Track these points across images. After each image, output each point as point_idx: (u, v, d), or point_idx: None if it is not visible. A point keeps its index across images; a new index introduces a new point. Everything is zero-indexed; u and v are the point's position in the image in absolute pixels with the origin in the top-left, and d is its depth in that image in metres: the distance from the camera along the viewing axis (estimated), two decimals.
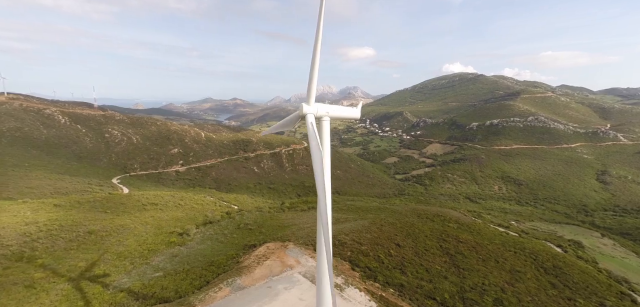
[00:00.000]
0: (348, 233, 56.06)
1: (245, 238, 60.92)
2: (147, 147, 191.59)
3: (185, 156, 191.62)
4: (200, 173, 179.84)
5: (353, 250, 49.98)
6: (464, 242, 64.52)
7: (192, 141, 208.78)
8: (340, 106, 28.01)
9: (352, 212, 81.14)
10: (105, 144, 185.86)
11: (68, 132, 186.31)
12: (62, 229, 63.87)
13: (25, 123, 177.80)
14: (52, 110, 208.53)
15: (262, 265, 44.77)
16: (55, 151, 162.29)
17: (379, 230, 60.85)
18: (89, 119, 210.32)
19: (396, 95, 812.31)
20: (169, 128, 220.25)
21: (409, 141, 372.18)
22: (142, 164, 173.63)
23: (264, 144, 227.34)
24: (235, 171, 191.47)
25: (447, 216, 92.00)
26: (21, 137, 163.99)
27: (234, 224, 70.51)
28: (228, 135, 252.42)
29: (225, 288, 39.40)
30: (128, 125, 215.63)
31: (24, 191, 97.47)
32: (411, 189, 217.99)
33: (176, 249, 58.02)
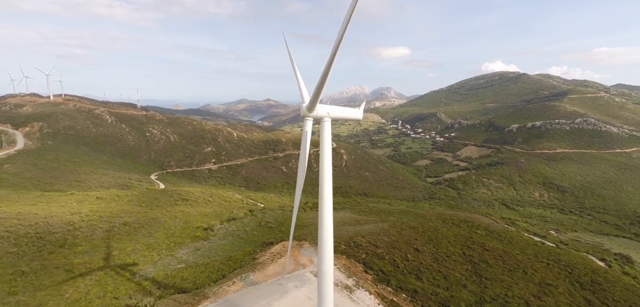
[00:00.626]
0: (365, 235, 55.52)
1: (264, 235, 62.44)
2: (183, 146, 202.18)
3: (217, 154, 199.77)
4: (231, 171, 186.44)
5: (368, 252, 49.45)
6: (491, 250, 61.41)
7: (224, 140, 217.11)
8: (341, 107, 28.03)
9: (374, 215, 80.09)
10: (146, 142, 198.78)
11: (114, 130, 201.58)
12: (101, 220, 69.34)
13: (78, 122, 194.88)
14: (101, 110, 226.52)
15: (276, 262, 45.72)
16: (102, 148, 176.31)
17: (398, 233, 59.61)
18: (132, 119, 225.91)
19: (430, 96, 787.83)
20: (204, 128, 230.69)
21: (442, 143, 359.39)
22: (178, 161, 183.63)
23: (293, 144, 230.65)
24: (265, 170, 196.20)
25: (475, 222, 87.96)
26: (74, 135, 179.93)
27: (256, 221, 72.48)
28: (259, 135, 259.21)
29: (239, 282, 40.75)
30: (167, 125, 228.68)
31: (72, 183, 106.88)
32: (442, 193, 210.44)
33: (200, 243, 60.82)
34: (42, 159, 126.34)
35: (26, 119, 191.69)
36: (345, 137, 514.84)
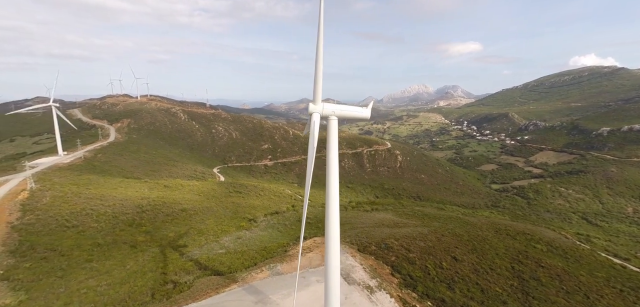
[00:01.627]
0: (399, 238, 54.02)
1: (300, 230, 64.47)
2: (243, 142, 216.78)
3: (273, 151, 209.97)
4: (285, 168, 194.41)
5: (399, 256, 48.14)
6: (547, 267, 55.04)
7: (280, 138, 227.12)
8: (348, 106, 28.21)
9: (417, 218, 76.97)
10: (212, 138, 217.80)
11: (186, 127, 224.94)
12: (164, 205, 78.65)
13: (157, 119, 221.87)
14: (176, 109, 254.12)
15: (303, 256, 47.23)
16: (175, 142, 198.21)
17: (437, 240, 56.67)
18: (201, 117, 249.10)
19: (502, 95, 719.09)
20: (263, 125, 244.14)
21: (513, 147, 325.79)
22: (238, 156, 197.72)
23: (346, 144, 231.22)
24: (317, 168, 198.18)
25: (536, 235, 78.96)
26: (153, 130, 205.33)
27: (296, 216, 75.12)
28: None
29: (266, 271, 43.19)
30: (230, 123, 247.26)
31: (148, 172, 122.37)
32: (508, 202, 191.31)
33: (242, 233, 65.37)
34: (126, 150, 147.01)
35: (118, 116, 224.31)
36: (404, 137, 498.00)
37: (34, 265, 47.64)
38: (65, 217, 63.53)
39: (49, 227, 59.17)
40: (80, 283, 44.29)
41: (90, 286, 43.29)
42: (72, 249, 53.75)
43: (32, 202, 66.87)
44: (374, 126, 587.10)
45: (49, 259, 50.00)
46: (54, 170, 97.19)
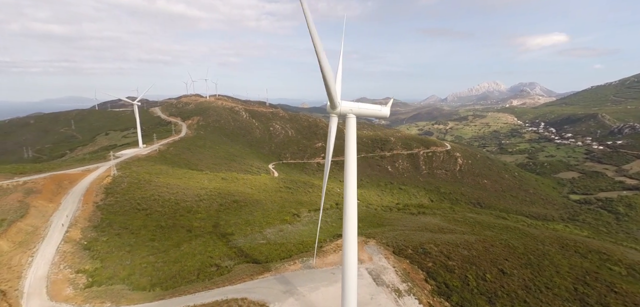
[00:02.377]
0: (440, 244, 51.37)
1: (340, 228, 64.96)
2: (298, 140, 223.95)
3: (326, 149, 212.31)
4: (337, 166, 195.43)
5: (436, 262, 45.90)
6: (621, 293, 47.68)
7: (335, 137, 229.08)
8: (366, 104, 28.10)
9: (467, 225, 71.90)
10: (269, 135, 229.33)
11: (246, 124, 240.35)
12: (219, 196, 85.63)
13: (222, 116, 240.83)
14: (239, 107, 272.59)
15: (337, 253, 47.80)
16: (236, 138, 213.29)
17: (484, 249, 52.53)
18: (261, 115, 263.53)
19: (591, 92, 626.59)
20: (317, 124, 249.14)
21: (602, 153, 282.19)
22: (292, 153, 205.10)
23: (402, 144, 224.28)
24: (369, 167, 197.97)
25: (615, 255, 68.16)
26: (218, 127, 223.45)
27: (338, 214, 75.74)
28: (368, 132, 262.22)
29: (298, 264, 44.79)
30: (287, 121, 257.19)
31: (210, 165, 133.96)
32: (591, 216, 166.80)
33: (285, 226, 68.27)
34: (194, 145, 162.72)
35: (190, 114, 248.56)
36: (469, 139, 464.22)
37: (109, 239, 56.03)
38: (137, 200, 73.16)
39: (124, 209, 68.81)
40: (143, 258, 50.89)
41: (150, 262, 49.51)
42: (139, 228, 61.85)
43: (113, 186, 78.29)
44: (435, 126, 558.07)
45: (121, 235, 58.30)
46: (133, 160, 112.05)
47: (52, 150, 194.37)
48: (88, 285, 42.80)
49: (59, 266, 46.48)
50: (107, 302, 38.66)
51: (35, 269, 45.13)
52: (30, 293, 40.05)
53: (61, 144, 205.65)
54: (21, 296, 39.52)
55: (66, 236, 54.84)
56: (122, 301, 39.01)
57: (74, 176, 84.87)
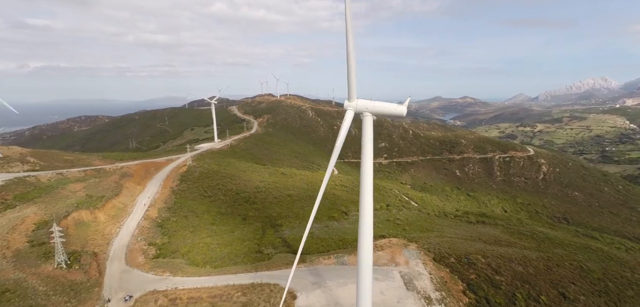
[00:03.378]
0: (489, 256, 47.13)
1: (385, 230, 63.97)
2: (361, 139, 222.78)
3: (389, 150, 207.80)
4: (400, 168, 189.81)
5: (481, 274, 42.40)
6: None
7: (399, 137, 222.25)
8: (381, 102, 27.80)
9: (533, 240, 63.76)
10: (333, 134, 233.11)
11: (311, 123, 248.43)
12: (275, 189, 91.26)
13: (289, 115, 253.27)
14: (306, 106, 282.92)
15: (373, 253, 47.44)
16: (301, 136, 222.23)
17: (545, 269, 46.51)
18: (326, 114, 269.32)
19: None
20: (382, 124, 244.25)
21: None
22: (354, 153, 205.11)
23: (474, 147, 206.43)
24: (435, 170, 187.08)
25: None
26: (285, 125, 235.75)
27: (386, 216, 74.37)
28: (437, 134, 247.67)
29: (333, 259, 45.91)
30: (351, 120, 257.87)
31: (273, 161, 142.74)
32: None
33: (331, 223, 69.86)
34: (261, 141, 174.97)
35: (261, 112, 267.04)
36: (561, 144, 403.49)
37: (178, 220, 64.70)
38: (204, 188, 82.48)
39: (193, 195, 78.33)
40: (202, 239, 57.68)
41: (206, 242, 55.93)
42: (203, 213, 69.90)
43: (187, 175, 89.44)
44: (520, 129, 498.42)
45: (188, 217, 66.76)
46: (208, 153, 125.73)
47: (149, 142, 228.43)
48: (155, 256, 50.47)
49: (137, 238, 55.63)
50: (167, 272, 45.21)
51: (120, 239, 54.82)
52: (113, 257, 49.00)
53: (157, 137, 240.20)
54: (107, 259, 48.62)
55: (146, 213, 65.05)
56: (178, 272, 45.17)
57: (159, 164, 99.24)
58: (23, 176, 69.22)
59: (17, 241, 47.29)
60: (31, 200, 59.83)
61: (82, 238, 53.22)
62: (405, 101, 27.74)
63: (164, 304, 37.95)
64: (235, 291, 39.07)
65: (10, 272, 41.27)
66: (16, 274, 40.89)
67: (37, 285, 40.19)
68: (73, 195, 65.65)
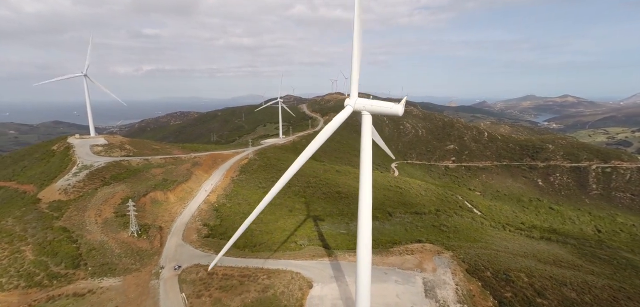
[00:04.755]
0: (534, 275, 41.96)
1: (426, 235, 61.28)
2: (428, 141, 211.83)
3: (459, 153, 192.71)
4: (469, 173, 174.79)
5: (518, 294, 38.31)
6: None
7: (470, 140, 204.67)
8: (379, 101, 27.88)
9: (609, 266, 53.74)
10: (398, 134, 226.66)
11: (377, 121, 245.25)
12: (325, 185, 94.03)
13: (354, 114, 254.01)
14: None
15: (401, 256, 46.60)
16: None
17: (609, 300, 39.62)
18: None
19: None
20: (453, 125, 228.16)
21: None
22: (419, 154, 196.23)
23: (564, 154, 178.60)
24: (511, 178, 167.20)
25: None
26: (350, 123, 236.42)
27: (431, 221, 70.86)
28: (518, 136, 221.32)
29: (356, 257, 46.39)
30: (420, 120, 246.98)
31: (332, 158, 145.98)
32: None
33: (373, 222, 69.38)
34: None
35: (328, 110, 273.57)
36: None
37: (232, 206, 71.97)
38: (260, 180, 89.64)
39: (249, 185, 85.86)
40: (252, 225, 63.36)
41: (252, 229, 61.30)
42: (255, 202, 76.17)
43: (247, 166, 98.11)
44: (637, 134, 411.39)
45: (240, 205, 73.78)
46: (270, 147, 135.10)
47: (227, 136, 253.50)
48: (206, 235, 57.59)
49: (195, 218, 64.03)
50: (212, 250, 51.48)
51: (182, 217, 63.81)
52: (174, 232, 57.55)
53: (234, 132, 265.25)
54: (169, 233, 57.35)
55: (206, 198, 74.00)
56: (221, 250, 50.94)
57: (226, 155, 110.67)
58: (119, 159, 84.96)
59: (107, 211, 59.00)
60: (122, 180, 73.37)
61: (154, 214, 63.58)
62: (402, 100, 27.31)
63: (203, 276, 43.61)
64: (262, 274, 42.75)
65: (98, 235, 52.02)
66: (101, 237, 51.38)
67: (114, 247, 49.93)
68: (153, 178, 78.23)
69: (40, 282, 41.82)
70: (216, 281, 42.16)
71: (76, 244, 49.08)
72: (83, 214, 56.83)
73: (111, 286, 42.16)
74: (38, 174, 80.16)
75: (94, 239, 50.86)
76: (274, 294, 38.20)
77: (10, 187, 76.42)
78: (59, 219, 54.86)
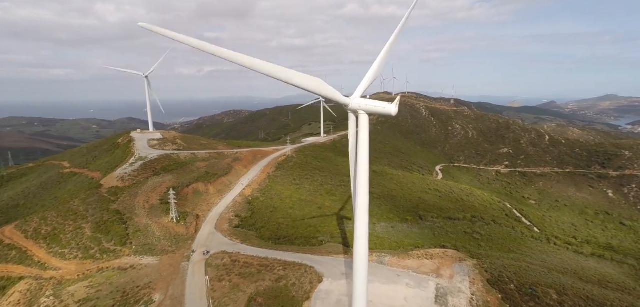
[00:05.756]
0: (567, 294, 38.15)
1: (453, 241, 58.60)
2: (478, 143, 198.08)
3: (513, 157, 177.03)
4: (524, 180, 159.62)
5: None
6: None
7: (528, 144, 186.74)
8: (374, 101, 28.03)
9: None
10: (445, 135, 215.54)
11: (423, 122, 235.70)
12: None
13: (401, 113, 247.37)
14: (420, 105, 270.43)
15: (419, 260, 45.45)
16: (410, 136, 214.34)
17: None
18: (441, 113, 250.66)
19: None
20: (508, 127, 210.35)
21: None
22: (467, 157, 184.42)
23: None
24: (574, 187, 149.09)
25: None
26: (395, 124, 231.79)
27: (464, 227, 67.24)
28: (589, 139, 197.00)
29: (374, 257, 46.37)
30: (470, 121, 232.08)
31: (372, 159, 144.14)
32: None
33: (400, 225, 68.28)
34: None
35: None
36: None
37: (265, 200, 75.86)
38: (294, 177, 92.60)
39: (284, 181, 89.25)
40: (277, 219, 66.51)
41: (279, 222, 64.32)
42: (286, 198, 79.41)
43: (284, 163, 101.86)
44: None
45: (273, 199, 77.32)
46: (310, 146, 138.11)
47: (274, 134, 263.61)
48: (237, 225, 61.65)
49: (229, 210, 68.76)
50: (239, 240, 55.15)
51: (218, 208, 68.96)
52: (208, 221, 62.60)
53: (280, 130, 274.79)
54: (204, 221, 62.55)
55: (242, 192, 78.79)
56: (246, 241, 54.45)
57: (266, 152, 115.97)
58: (170, 153, 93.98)
59: (153, 199, 66.12)
60: (170, 171, 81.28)
61: (194, 203, 69.63)
62: (396, 99, 27.15)
63: (227, 262, 47.12)
64: (279, 265, 44.89)
65: (144, 219, 58.71)
66: (146, 221, 57.92)
67: (156, 230, 55.99)
68: (197, 170, 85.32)
69: (94, 255, 48.78)
70: (237, 268, 45.30)
71: (125, 225, 56.07)
72: (134, 200, 64.44)
73: (149, 263, 47.62)
74: (104, 163, 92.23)
75: (140, 222, 57.55)
76: (286, 285, 40.02)
77: (83, 174, 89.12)
78: (114, 203, 62.94)
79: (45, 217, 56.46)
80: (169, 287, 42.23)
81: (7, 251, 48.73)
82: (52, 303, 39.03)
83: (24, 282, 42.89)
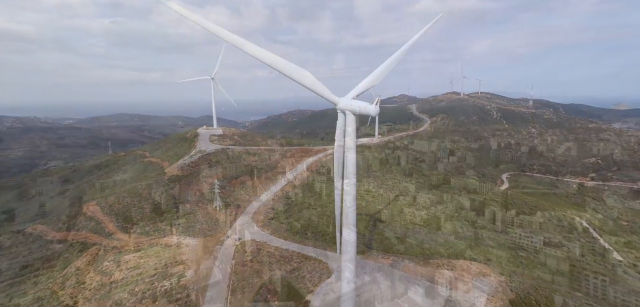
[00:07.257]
0: None
1: (494, 253, 53.83)
2: (560, 151, 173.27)
3: (602, 168, 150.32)
4: (614, 194, 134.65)
5: None
6: None
7: (624, 152, 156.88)
8: (356, 101, 28.38)
9: None
10: (519, 138, 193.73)
11: (494, 126, 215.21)
12: (397, 189, 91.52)
13: (467, 115, 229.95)
14: (491, 106, 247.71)
15: (437, 269, 43.52)
16: (471, 137, 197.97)
17: None
18: (515, 115, 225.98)
19: None
20: (599, 132, 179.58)
21: None
22: (542, 165, 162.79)
23: None
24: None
25: None
26: (458, 125, 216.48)
27: (508, 243, 61.05)
28: None
29: (390, 260, 45.88)
30: (551, 126, 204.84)
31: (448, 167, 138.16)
32: None
33: (435, 232, 65.01)
34: (419, 139, 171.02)
35: (438, 111, 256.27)
36: None
37: (304, 196, 79.27)
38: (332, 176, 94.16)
39: (315, 180, 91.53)
40: (308, 214, 69.16)
41: (307, 217, 67.13)
42: (325, 196, 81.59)
43: (326, 163, 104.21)
44: None
45: (310, 196, 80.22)
46: (359, 146, 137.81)
47: (332, 134, 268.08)
48: (271, 218, 65.98)
49: (268, 203, 73.69)
50: (268, 230, 59.22)
51: (258, 201, 74.41)
52: (247, 211, 68.19)
53: None
54: (243, 211, 68.24)
55: (283, 187, 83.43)
56: (275, 233, 58.20)
57: (314, 151, 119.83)
58: (225, 147, 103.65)
59: (203, 188, 74.38)
60: (222, 164, 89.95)
61: (238, 194, 76.30)
62: (375, 100, 27.20)
63: (253, 249, 51.33)
64: (297, 258, 47.43)
65: (193, 205, 66.68)
66: (193, 207, 65.73)
67: (200, 216, 63.25)
68: (247, 165, 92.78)
69: (148, 232, 57.49)
70: (260, 256, 49.11)
71: (177, 208, 64.49)
72: (187, 188, 73.44)
73: (189, 244, 54.37)
74: (173, 154, 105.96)
75: (189, 207, 65.58)
76: (297, 276, 42.30)
77: (155, 162, 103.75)
78: (173, 189, 72.57)
79: (119, 196, 68.05)
80: (200, 265, 47.88)
81: (88, 221, 60.37)
82: (111, 266, 47.54)
83: (95, 247, 52.89)
